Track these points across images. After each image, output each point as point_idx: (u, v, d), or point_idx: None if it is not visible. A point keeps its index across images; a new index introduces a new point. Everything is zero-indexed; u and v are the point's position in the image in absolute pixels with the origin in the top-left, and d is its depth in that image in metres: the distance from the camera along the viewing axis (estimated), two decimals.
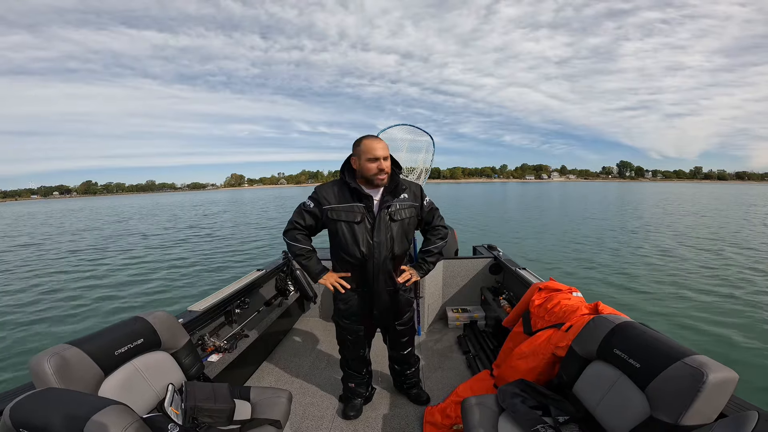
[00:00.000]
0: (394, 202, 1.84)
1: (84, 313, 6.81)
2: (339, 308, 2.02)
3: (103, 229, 22.09)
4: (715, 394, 1.08)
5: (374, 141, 1.77)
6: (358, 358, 2.17)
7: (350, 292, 1.94)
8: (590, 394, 1.45)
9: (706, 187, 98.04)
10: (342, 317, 2.03)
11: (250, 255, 11.91)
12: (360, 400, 2.29)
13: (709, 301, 6.29)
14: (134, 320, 1.59)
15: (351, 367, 2.21)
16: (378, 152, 1.74)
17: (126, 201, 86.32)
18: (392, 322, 2.10)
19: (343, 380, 2.29)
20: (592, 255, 10.14)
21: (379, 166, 1.75)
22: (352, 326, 2.04)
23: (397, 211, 1.84)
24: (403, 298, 2.03)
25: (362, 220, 1.80)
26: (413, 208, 1.92)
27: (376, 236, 1.80)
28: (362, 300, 1.96)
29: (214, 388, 1.64)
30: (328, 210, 1.83)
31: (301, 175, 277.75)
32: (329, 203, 1.83)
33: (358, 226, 1.80)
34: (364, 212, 1.80)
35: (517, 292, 2.90)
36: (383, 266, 1.85)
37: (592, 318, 1.59)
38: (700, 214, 20.97)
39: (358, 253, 1.81)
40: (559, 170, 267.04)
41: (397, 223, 1.84)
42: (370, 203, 1.80)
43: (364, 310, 1.98)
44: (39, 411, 0.99)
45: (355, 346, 2.11)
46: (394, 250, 1.85)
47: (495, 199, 40.53)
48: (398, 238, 1.86)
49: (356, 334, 2.06)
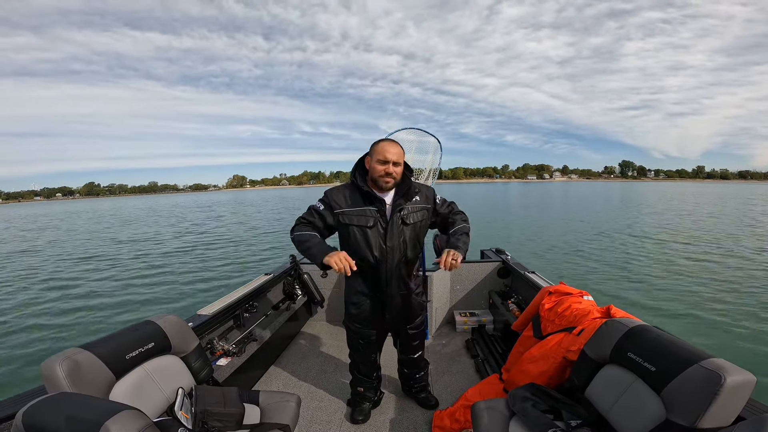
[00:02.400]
0: (407, 206, 1.83)
1: (95, 317, 6.85)
2: (351, 312, 1.99)
3: (111, 232, 22.17)
4: (732, 397, 1.07)
5: (389, 144, 1.76)
6: (369, 363, 2.15)
7: (362, 297, 1.92)
8: (603, 398, 1.44)
9: (710, 187, 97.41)
10: (353, 321, 2.01)
11: (260, 258, 11.98)
12: (368, 405, 2.27)
13: (726, 304, 6.20)
14: (145, 324, 1.58)
15: (361, 371, 2.18)
16: (389, 156, 1.73)
17: (129, 202, 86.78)
18: (404, 326, 2.09)
19: (352, 384, 2.27)
20: (601, 258, 10.08)
21: (387, 169, 1.73)
22: (363, 330, 2.01)
23: (410, 215, 1.83)
24: (415, 302, 2.02)
25: (375, 225, 1.78)
26: (425, 210, 1.90)
27: (389, 241, 1.79)
28: (374, 304, 1.93)
29: (224, 392, 1.63)
30: (339, 214, 1.81)
31: (303, 175, 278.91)
32: (341, 207, 1.81)
33: (371, 231, 1.78)
34: (377, 216, 1.79)
35: (525, 296, 2.89)
36: (396, 270, 1.84)
37: (605, 321, 1.58)
38: (713, 214, 20.75)
39: (371, 258, 1.79)
40: (561, 170, 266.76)
41: (410, 227, 1.83)
42: (383, 207, 1.79)
43: (375, 315, 1.96)
44: (52, 416, 0.99)
45: (366, 350, 2.09)
46: (407, 254, 1.85)
47: (498, 200, 40.38)
48: (411, 243, 1.85)
49: (368, 338, 2.04)
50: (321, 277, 3.65)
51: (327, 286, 3.69)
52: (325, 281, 3.67)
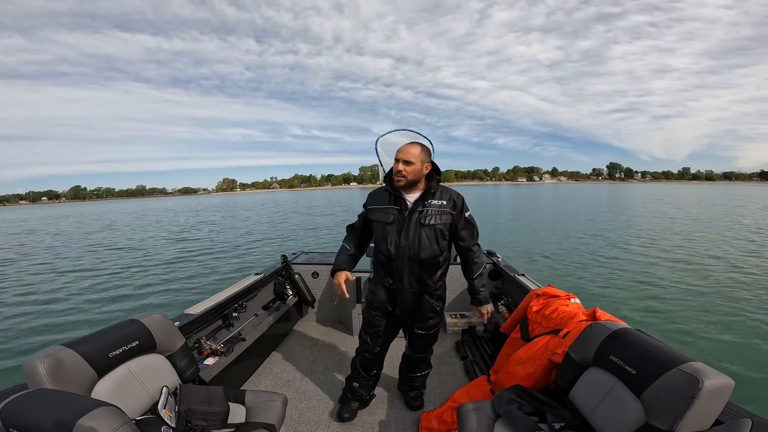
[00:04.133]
0: (427, 207, 1.88)
1: (80, 316, 6.75)
2: (369, 299, 2.13)
3: (97, 233, 21.89)
4: (710, 401, 1.08)
5: (404, 144, 1.88)
6: (373, 355, 2.16)
7: (379, 286, 2.05)
8: (586, 401, 1.45)
9: (695, 188, 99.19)
10: (369, 308, 2.13)
11: (252, 257, 11.89)
12: (356, 404, 2.27)
13: (708, 307, 6.30)
14: (129, 322, 1.57)
15: (362, 364, 2.21)
16: (399, 154, 1.85)
17: (116, 206, 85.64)
18: (413, 324, 2.11)
19: (348, 379, 2.29)
20: (590, 261, 10.17)
21: (397, 167, 1.84)
22: (375, 319, 2.10)
23: (429, 216, 1.87)
24: (426, 303, 2.02)
25: (394, 221, 1.90)
26: (449, 215, 1.90)
27: (403, 237, 1.87)
28: (388, 295, 2.03)
29: (209, 392, 1.62)
30: (369, 210, 2.02)
31: (294, 179, 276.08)
32: (372, 205, 2.01)
33: (390, 227, 1.91)
34: (396, 214, 1.90)
35: (515, 298, 2.90)
36: (408, 267, 1.91)
37: (588, 324, 1.60)
38: (698, 217, 21.09)
39: (386, 251, 1.92)
40: (550, 172, 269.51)
41: (427, 228, 1.86)
42: (404, 206, 1.90)
43: (387, 306, 2.05)
44: (29, 411, 0.98)
45: (373, 341, 2.14)
46: (420, 253, 1.87)
47: (488, 202, 40.65)
48: (425, 243, 1.86)
49: (376, 328, 2.11)
50: (312, 277, 3.62)
51: (318, 286, 3.66)
52: (317, 282, 3.64)
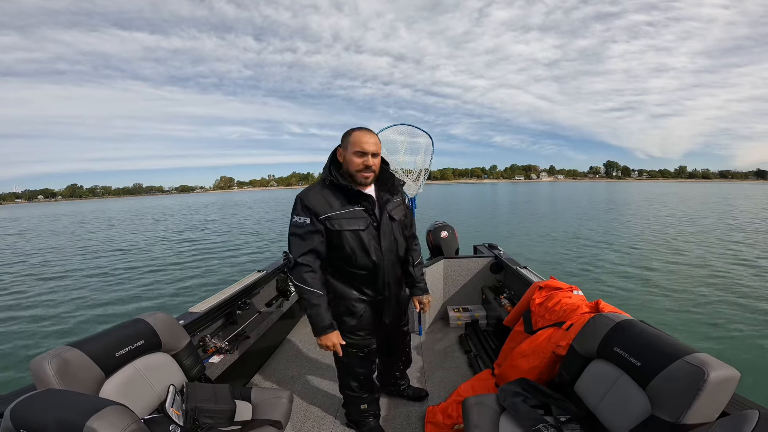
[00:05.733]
0: (392, 200, 1.71)
1: (85, 315, 6.76)
2: (349, 324, 1.75)
3: (98, 232, 21.87)
4: (716, 393, 1.07)
5: (365, 134, 1.57)
6: (368, 375, 1.94)
7: (361, 304, 1.74)
8: (591, 393, 1.45)
9: (692, 186, 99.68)
10: (353, 333, 1.77)
11: (252, 254, 11.95)
12: (372, 419, 2.04)
13: (712, 298, 6.33)
14: (135, 322, 1.57)
15: (362, 385, 1.94)
16: (367, 146, 1.54)
17: (113, 205, 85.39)
18: (398, 324, 2.04)
19: (352, 404, 2.01)
20: (593, 253, 10.25)
21: (366, 162, 1.56)
22: (362, 341, 1.81)
23: (394, 210, 1.71)
24: (404, 298, 1.99)
25: (368, 226, 1.62)
26: (403, 205, 1.80)
27: (383, 241, 1.65)
28: (374, 310, 1.79)
29: (215, 389, 1.63)
30: (326, 220, 1.57)
31: (292, 176, 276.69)
32: (325, 212, 1.57)
33: (365, 233, 1.61)
34: (366, 216, 1.62)
35: (518, 291, 2.90)
36: (392, 272, 1.74)
37: (592, 316, 1.60)
38: (697, 213, 21.23)
39: (369, 263, 1.64)
40: (547, 170, 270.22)
41: (396, 222, 1.72)
42: (370, 205, 1.63)
43: (376, 321, 1.82)
44: (38, 412, 0.99)
45: (365, 361, 1.88)
46: (399, 252, 1.77)
47: (486, 199, 40.77)
48: (401, 240, 1.78)
49: (368, 348, 1.85)
50: None
51: None
52: None
